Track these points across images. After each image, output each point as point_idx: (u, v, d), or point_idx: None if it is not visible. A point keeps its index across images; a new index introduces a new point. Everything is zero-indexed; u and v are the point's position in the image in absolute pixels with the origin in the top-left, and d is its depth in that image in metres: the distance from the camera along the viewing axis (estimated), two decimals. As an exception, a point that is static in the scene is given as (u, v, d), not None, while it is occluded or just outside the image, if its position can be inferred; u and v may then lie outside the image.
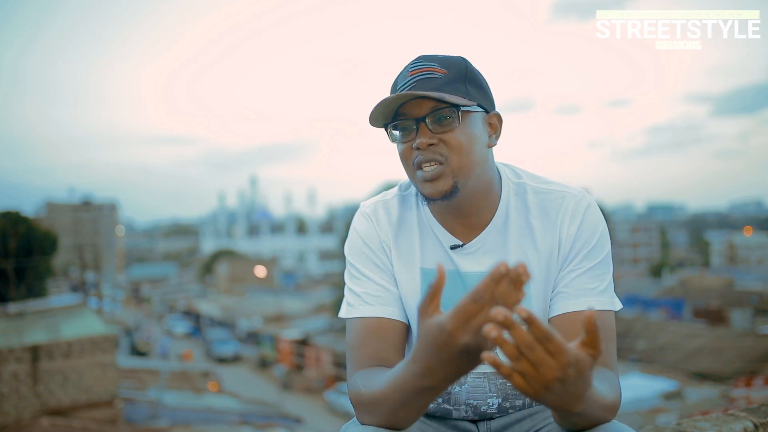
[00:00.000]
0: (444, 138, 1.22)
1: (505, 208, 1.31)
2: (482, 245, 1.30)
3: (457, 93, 1.22)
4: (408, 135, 1.25)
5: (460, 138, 1.22)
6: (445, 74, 1.23)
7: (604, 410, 1.07)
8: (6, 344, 12.31)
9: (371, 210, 1.37)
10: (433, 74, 1.23)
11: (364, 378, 1.17)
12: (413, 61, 1.27)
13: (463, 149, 1.22)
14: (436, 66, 1.24)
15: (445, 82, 1.22)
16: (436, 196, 1.23)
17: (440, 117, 1.22)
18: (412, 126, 1.24)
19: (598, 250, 1.27)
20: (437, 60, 1.25)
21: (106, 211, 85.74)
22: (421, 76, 1.23)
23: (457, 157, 1.22)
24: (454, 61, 1.26)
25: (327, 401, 23.89)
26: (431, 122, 1.22)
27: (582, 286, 1.24)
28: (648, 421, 11.46)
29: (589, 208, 1.29)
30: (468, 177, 1.24)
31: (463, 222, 1.31)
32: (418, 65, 1.25)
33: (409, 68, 1.26)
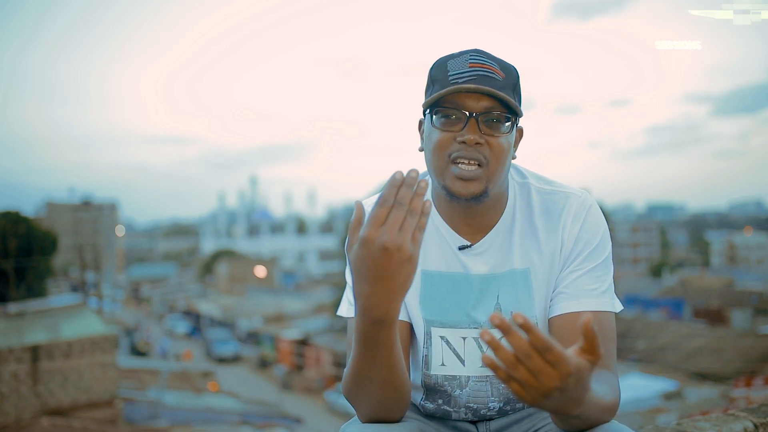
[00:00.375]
0: (490, 141, 1.20)
1: (512, 209, 1.31)
2: (490, 245, 1.30)
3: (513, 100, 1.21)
4: (452, 125, 1.21)
5: (503, 144, 1.21)
6: (504, 78, 1.21)
7: (602, 411, 1.07)
8: (6, 344, 12.31)
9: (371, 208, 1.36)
10: (493, 74, 1.20)
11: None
12: (473, 54, 1.24)
13: (503, 156, 1.21)
14: (497, 67, 1.22)
15: (503, 86, 1.20)
16: (466, 196, 1.21)
17: (494, 119, 1.20)
18: (460, 117, 1.21)
19: (600, 251, 1.27)
20: (497, 61, 1.23)
21: (106, 211, 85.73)
22: (482, 72, 1.20)
23: (495, 162, 1.21)
24: (510, 69, 1.25)
25: (327, 401, 23.88)
26: (482, 121, 1.20)
27: (583, 286, 1.24)
28: (648, 421, 11.46)
29: (592, 209, 1.29)
30: (495, 183, 1.23)
31: (470, 222, 1.30)
32: (478, 60, 1.22)
33: (468, 59, 1.22)
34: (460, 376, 1.31)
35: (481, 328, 1.28)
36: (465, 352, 1.30)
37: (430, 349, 1.31)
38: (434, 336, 1.31)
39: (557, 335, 1.25)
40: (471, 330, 1.29)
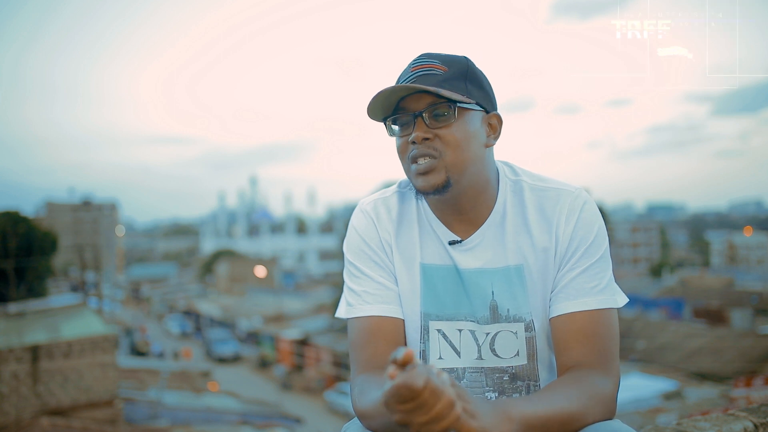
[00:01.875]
0: (439, 133, 1.23)
1: (503, 205, 1.32)
2: (480, 241, 1.31)
3: (456, 90, 1.23)
4: (406, 129, 1.26)
5: (456, 134, 1.23)
6: (446, 71, 1.24)
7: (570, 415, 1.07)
8: (6, 344, 12.30)
9: (371, 207, 1.37)
10: (433, 71, 1.24)
11: (361, 387, 1.19)
12: (416, 58, 1.28)
13: (458, 145, 1.23)
14: (438, 63, 1.25)
15: (444, 79, 1.23)
16: (428, 189, 1.24)
17: (437, 113, 1.23)
18: (410, 120, 1.25)
19: (596, 247, 1.27)
20: (439, 58, 1.26)
21: (106, 211, 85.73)
22: (422, 72, 1.24)
23: (451, 152, 1.23)
24: (456, 60, 1.27)
25: (327, 401, 23.88)
26: (428, 117, 1.23)
27: (581, 285, 1.24)
28: (648, 421, 11.46)
29: (586, 206, 1.29)
30: (462, 173, 1.24)
31: (460, 218, 1.31)
32: (420, 62, 1.26)
33: (412, 64, 1.27)
34: (457, 368, 1.32)
35: (476, 320, 1.30)
36: (461, 343, 1.31)
37: (428, 343, 1.32)
38: (431, 330, 1.31)
39: (557, 336, 1.25)
40: (467, 322, 1.30)
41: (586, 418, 1.10)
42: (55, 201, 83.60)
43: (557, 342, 1.25)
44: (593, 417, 1.11)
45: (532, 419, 1.02)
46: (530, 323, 1.28)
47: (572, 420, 1.08)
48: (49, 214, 73.53)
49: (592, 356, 1.19)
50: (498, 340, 1.29)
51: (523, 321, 1.29)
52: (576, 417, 1.09)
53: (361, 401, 1.17)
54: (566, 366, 1.21)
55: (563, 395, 1.09)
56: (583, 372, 1.17)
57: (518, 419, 0.99)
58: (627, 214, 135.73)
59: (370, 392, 1.15)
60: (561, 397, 1.09)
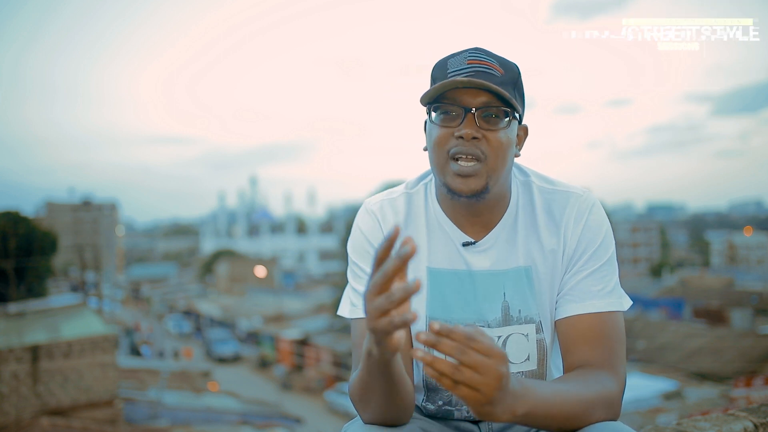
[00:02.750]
0: (488, 135, 1.20)
1: (515, 207, 1.31)
2: (494, 243, 1.30)
3: (510, 96, 1.21)
4: (450, 121, 1.22)
5: (502, 139, 1.21)
6: (502, 74, 1.22)
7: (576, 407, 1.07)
8: (6, 344, 12.29)
9: (377, 207, 1.35)
10: (491, 70, 1.21)
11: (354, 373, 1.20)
12: (471, 51, 1.24)
13: (501, 150, 1.21)
14: (495, 63, 1.22)
15: (501, 82, 1.20)
16: (466, 193, 1.21)
17: (491, 113, 1.20)
18: (458, 113, 1.21)
19: (603, 250, 1.27)
20: (496, 58, 1.24)
21: (106, 211, 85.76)
22: (480, 68, 1.20)
23: (494, 157, 1.20)
24: (510, 66, 1.25)
25: (327, 401, 23.88)
26: (480, 116, 1.20)
27: (588, 288, 1.24)
28: (648, 421, 11.45)
29: (594, 209, 1.28)
30: (497, 180, 1.23)
31: (474, 220, 1.30)
32: (477, 56, 1.23)
33: (467, 56, 1.23)
34: None
35: (487, 324, 1.29)
36: None
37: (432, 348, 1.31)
38: None
39: (563, 338, 1.25)
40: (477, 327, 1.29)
41: (591, 417, 1.10)
42: (55, 201, 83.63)
43: (564, 343, 1.25)
44: (597, 416, 1.10)
45: (539, 409, 1.01)
46: (539, 325, 1.28)
47: (576, 416, 1.08)
48: (49, 214, 73.54)
49: (600, 358, 1.19)
50: (509, 344, 1.28)
51: (533, 322, 1.28)
52: (581, 413, 1.08)
53: (352, 380, 1.18)
54: (573, 366, 1.21)
55: (571, 389, 1.09)
56: (591, 371, 1.17)
57: (525, 408, 0.98)
58: (627, 214, 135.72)
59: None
60: (568, 390, 1.08)
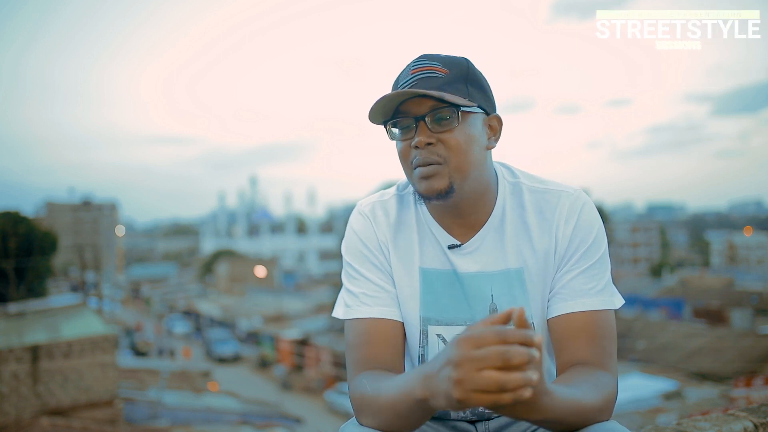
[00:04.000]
0: (443, 138, 1.21)
1: (502, 208, 1.31)
2: (480, 245, 1.30)
3: (458, 93, 1.21)
4: (407, 133, 1.24)
5: (459, 138, 1.21)
6: (447, 74, 1.22)
7: (587, 412, 1.07)
8: (6, 344, 12.29)
9: (369, 209, 1.36)
10: (434, 73, 1.22)
11: (370, 381, 1.18)
12: (415, 60, 1.26)
13: (461, 149, 1.21)
14: (438, 65, 1.23)
15: (446, 82, 1.21)
16: (431, 194, 1.22)
17: (439, 116, 1.21)
18: (411, 124, 1.23)
19: (595, 249, 1.26)
20: (439, 59, 1.24)
21: (106, 211, 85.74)
22: (423, 75, 1.22)
23: (455, 157, 1.21)
24: (457, 62, 1.25)
25: (327, 401, 23.87)
26: (430, 121, 1.21)
27: (580, 286, 1.24)
28: (648, 421, 11.46)
29: (585, 207, 1.28)
30: (465, 178, 1.23)
31: (460, 222, 1.30)
32: (420, 64, 1.24)
33: (411, 66, 1.25)
34: None
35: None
36: None
37: (426, 348, 1.31)
38: (431, 334, 1.30)
39: (555, 337, 1.25)
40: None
41: (599, 415, 1.10)
42: (55, 201, 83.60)
43: (556, 342, 1.24)
44: (603, 415, 1.11)
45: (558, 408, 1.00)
46: (531, 327, 1.28)
47: (586, 414, 1.07)
48: (49, 214, 73.52)
49: (594, 355, 1.19)
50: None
51: None
52: (591, 412, 1.08)
53: (372, 392, 1.14)
54: (567, 364, 1.21)
55: (582, 388, 1.09)
56: (590, 370, 1.17)
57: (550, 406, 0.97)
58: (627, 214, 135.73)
59: (384, 382, 1.13)
60: (580, 389, 1.08)
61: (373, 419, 1.14)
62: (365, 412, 1.16)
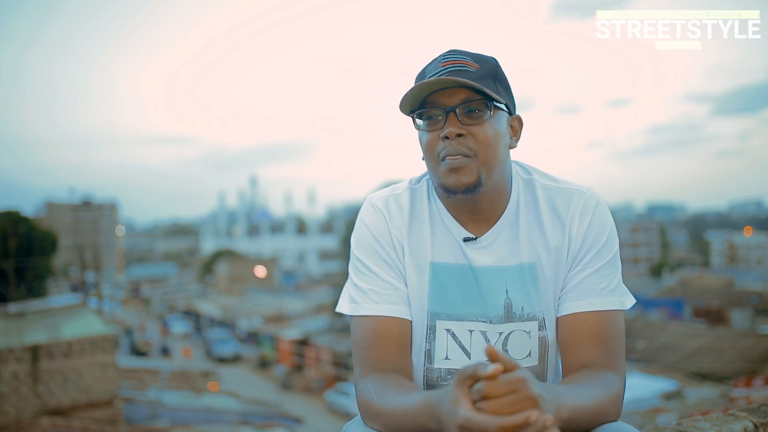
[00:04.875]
0: (473, 130, 1.20)
1: (516, 203, 1.31)
2: (495, 239, 1.29)
3: (489, 89, 1.21)
4: (435, 124, 1.23)
5: (488, 132, 1.21)
6: (478, 69, 1.22)
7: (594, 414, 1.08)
8: (6, 344, 12.29)
9: (382, 203, 1.34)
10: (466, 67, 1.21)
11: (377, 386, 1.17)
12: (445, 54, 1.25)
13: (490, 144, 1.21)
14: (470, 60, 1.23)
15: (477, 76, 1.21)
16: (459, 188, 1.21)
17: (471, 108, 1.21)
18: (440, 115, 1.22)
19: (608, 248, 1.27)
20: (470, 55, 1.24)
21: (106, 211, 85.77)
22: (455, 68, 1.21)
23: (484, 151, 1.21)
24: (487, 59, 1.25)
25: (327, 401, 23.87)
26: (462, 113, 1.20)
27: (591, 286, 1.24)
28: (648, 421, 11.45)
29: (598, 207, 1.29)
30: (490, 173, 1.23)
31: (475, 217, 1.30)
32: (451, 57, 1.24)
33: (441, 60, 1.24)
34: None
35: (489, 320, 1.28)
36: (471, 345, 1.29)
37: (433, 343, 1.30)
38: (439, 329, 1.29)
39: (565, 335, 1.25)
40: (478, 323, 1.28)
41: (606, 417, 1.10)
42: (55, 201, 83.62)
43: (565, 341, 1.24)
44: (610, 416, 1.11)
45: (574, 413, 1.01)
46: (542, 322, 1.28)
47: (595, 416, 1.08)
48: (49, 214, 73.54)
49: (602, 356, 1.19)
50: (511, 341, 1.28)
51: (536, 319, 1.28)
52: (599, 414, 1.09)
53: (380, 401, 1.14)
54: (575, 365, 1.21)
55: (590, 391, 1.09)
56: (599, 371, 1.17)
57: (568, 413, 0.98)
58: (627, 214, 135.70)
59: (394, 395, 1.13)
60: (589, 392, 1.09)
61: (378, 425, 1.15)
62: (371, 418, 1.17)
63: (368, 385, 1.18)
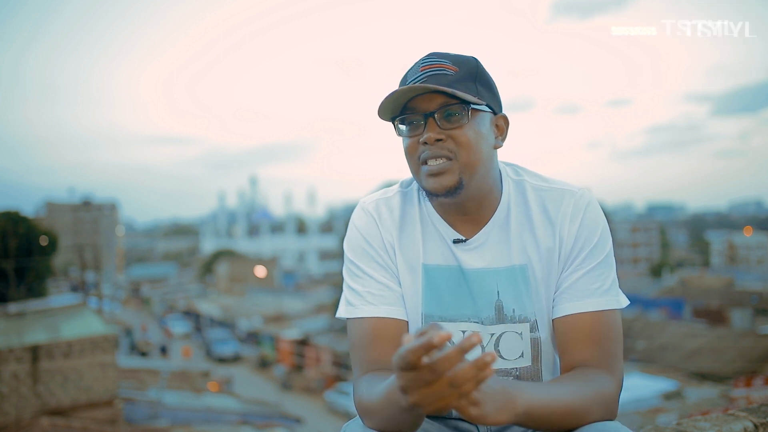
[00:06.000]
0: (452, 134, 1.21)
1: (507, 204, 1.31)
2: (485, 240, 1.29)
3: (467, 91, 1.21)
4: (415, 129, 1.24)
5: (469, 135, 1.21)
6: (456, 72, 1.22)
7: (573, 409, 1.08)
8: (6, 344, 12.29)
9: (373, 207, 1.35)
10: (444, 71, 1.22)
11: (367, 384, 1.18)
12: (424, 57, 1.26)
13: (470, 146, 1.21)
14: (448, 63, 1.23)
15: (455, 80, 1.21)
16: (440, 191, 1.22)
17: (449, 113, 1.21)
18: (420, 120, 1.23)
19: (600, 248, 1.26)
20: (449, 57, 1.25)
21: (106, 211, 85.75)
22: (432, 72, 1.22)
23: (464, 153, 1.21)
24: (466, 60, 1.25)
25: (327, 401, 23.87)
26: (440, 117, 1.21)
27: (585, 286, 1.24)
28: (648, 421, 11.46)
29: (590, 206, 1.28)
30: (473, 175, 1.23)
31: (465, 218, 1.30)
32: (429, 61, 1.24)
33: (420, 64, 1.25)
34: None
35: (481, 322, 1.29)
36: None
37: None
38: None
39: (561, 337, 1.25)
40: (471, 324, 1.29)
41: (588, 416, 1.10)
42: (55, 201, 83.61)
43: (561, 342, 1.24)
44: (594, 416, 1.11)
45: (536, 409, 1.02)
46: (535, 324, 1.28)
47: (574, 415, 1.08)
48: (49, 214, 73.53)
49: (597, 357, 1.19)
50: (503, 342, 1.28)
51: (528, 321, 1.28)
52: (578, 413, 1.08)
53: (367, 396, 1.16)
54: (571, 365, 1.21)
55: (568, 389, 1.09)
56: (589, 371, 1.17)
57: (523, 407, 0.99)
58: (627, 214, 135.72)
59: (376, 386, 1.13)
60: (566, 390, 1.09)
61: (373, 422, 1.15)
62: (364, 415, 1.18)
63: (362, 384, 1.19)
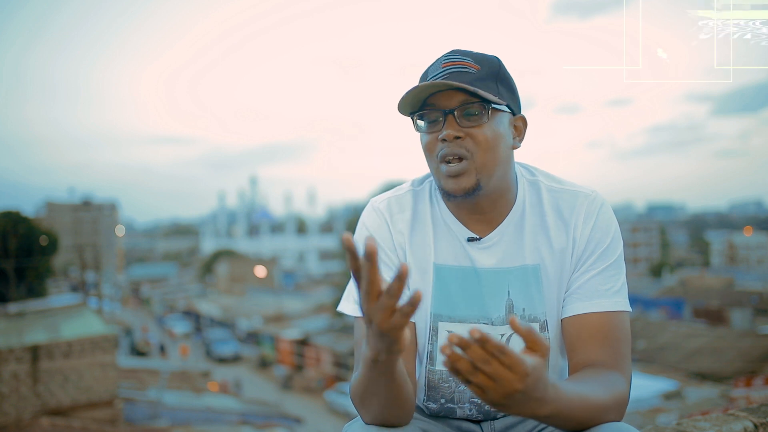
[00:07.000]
0: (471, 132, 1.21)
1: (522, 204, 1.31)
2: (499, 239, 1.30)
3: (488, 90, 1.21)
4: (434, 126, 1.24)
5: (487, 134, 1.21)
6: (478, 70, 1.23)
7: (594, 410, 1.07)
8: (6, 344, 12.29)
9: (384, 206, 1.35)
10: (466, 68, 1.22)
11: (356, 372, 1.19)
12: (447, 54, 1.26)
13: (488, 145, 1.21)
14: (470, 61, 1.23)
15: (477, 78, 1.21)
16: (458, 193, 1.22)
17: (469, 111, 1.21)
18: (439, 117, 1.23)
19: (612, 250, 1.27)
20: (471, 55, 1.25)
21: (106, 211, 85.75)
22: (455, 69, 1.22)
23: (482, 153, 1.21)
24: (488, 59, 1.26)
25: (327, 401, 23.88)
26: (460, 115, 1.21)
27: (596, 287, 1.24)
28: (648, 421, 11.45)
29: (603, 209, 1.29)
30: (491, 175, 1.23)
31: (478, 218, 1.30)
32: (451, 58, 1.24)
33: (442, 60, 1.25)
34: None
35: (491, 322, 1.28)
36: None
37: (435, 344, 1.30)
38: (441, 331, 1.30)
39: (570, 337, 1.25)
40: (479, 324, 1.29)
41: (606, 416, 1.09)
42: (55, 201, 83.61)
43: (570, 342, 1.24)
44: (611, 416, 1.10)
45: (563, 410, 1.00)
46: (545, 324, 1.28)
47: (593, 417, 1.07)
48: (49, 214, 73.53)
49: (610, 357, 1.19)
50: (512, 342, 1.28)
51: (538, 321, 1.28)
52: (599, 412, 1.08)
53: (353, 379, 1.16)
54: (581, 365, 1.20)
55: (591, 391, 1.09)
56: (603, 370, 1.17)
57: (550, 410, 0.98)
58: (627, 214, 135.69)
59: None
60: (589, 392, 1.08)
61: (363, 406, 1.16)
62: (357, 403, 1.18)
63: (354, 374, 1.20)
